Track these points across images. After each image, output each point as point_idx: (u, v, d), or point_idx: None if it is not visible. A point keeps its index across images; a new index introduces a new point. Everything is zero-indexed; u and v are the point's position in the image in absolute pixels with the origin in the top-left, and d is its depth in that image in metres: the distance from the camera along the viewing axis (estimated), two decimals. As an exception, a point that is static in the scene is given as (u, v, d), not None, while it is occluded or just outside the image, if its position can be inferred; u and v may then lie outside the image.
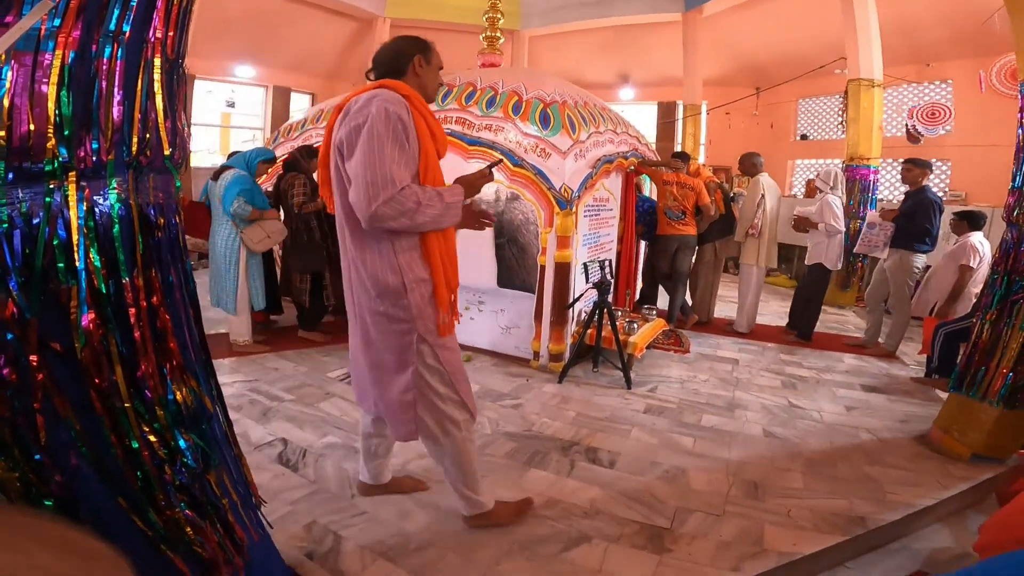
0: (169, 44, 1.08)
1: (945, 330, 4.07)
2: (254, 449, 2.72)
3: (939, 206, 4.64)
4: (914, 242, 4.63)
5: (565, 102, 4.21)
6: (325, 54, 11.00)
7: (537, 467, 2.66)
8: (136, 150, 1.03)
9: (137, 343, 1.04)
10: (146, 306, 1.05)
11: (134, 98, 1.01)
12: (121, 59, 0.99)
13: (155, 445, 1.10)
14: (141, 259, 1.05)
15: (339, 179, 1.74)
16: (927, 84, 8.21)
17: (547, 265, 3.93)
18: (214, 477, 1.25)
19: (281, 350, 4.25)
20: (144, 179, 1.08)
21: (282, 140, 5.62)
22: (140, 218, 1.05)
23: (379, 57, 1.91)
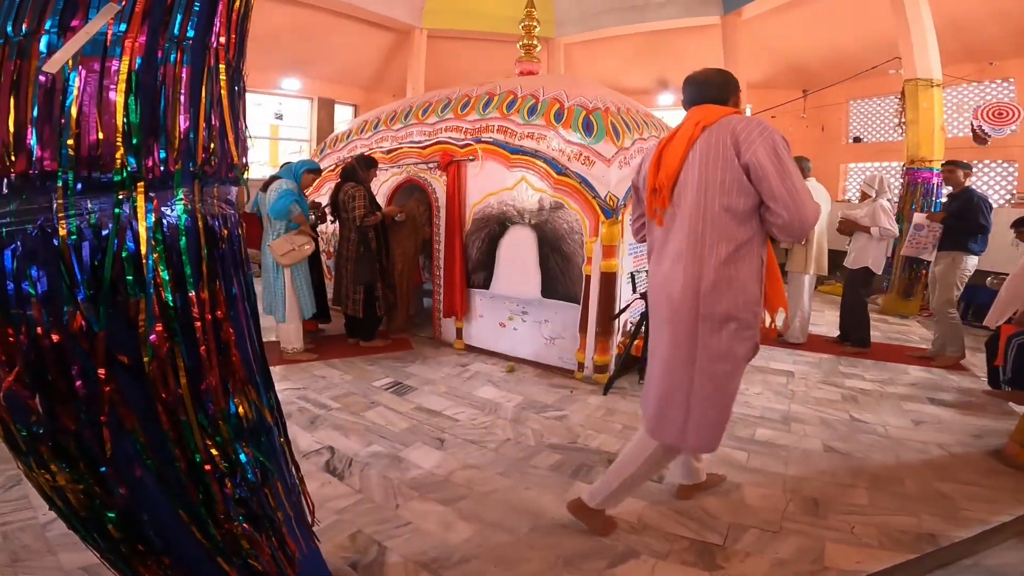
0: (231, 50, 1.07)
1: (1018, 341, 3.79)
2: (303, 457, 2.74)
3: (989, 204, 4.50)
4: (968, 242, 4.46)
5: (608, 108, 4.14)
6: (365, 65, 11.26)
7: (583, 480, 2.60)
8: (202, 160, 1.02)
9: (202, 356, 1.03)
10: (211, 319, 1.04)
11: (199, 105, 1.00)
12: (186, 65, 0.98)
13: (217, 458, 1.09)
14: (207, 271, 1.04)
15: (717, 188, 1.79)
16: (988, 83, 7.79)
17: (592, 275, 3.86)
18: (270, 490, 1.24)
19: (328, 358, 4.32)
20: (209, 189, 1.07)
21: (328, 151, 5.76)
22: (205, 229, 1.05)
23: (708, 81, 2.03)
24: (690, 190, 1.84)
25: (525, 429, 3.15)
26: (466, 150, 4.41)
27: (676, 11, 9.73)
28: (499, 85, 4.67)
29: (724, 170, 1.76)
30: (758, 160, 1.70)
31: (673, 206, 1.89)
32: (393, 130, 5.06)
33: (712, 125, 1.83)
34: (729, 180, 1.76)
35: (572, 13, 10.66)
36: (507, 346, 4.42)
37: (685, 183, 1.86)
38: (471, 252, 4.51)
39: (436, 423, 3.21)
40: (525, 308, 4.28)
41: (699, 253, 1.81)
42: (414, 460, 2.75)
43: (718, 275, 1.78)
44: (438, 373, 4.08)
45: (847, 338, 5.10)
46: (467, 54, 11.13)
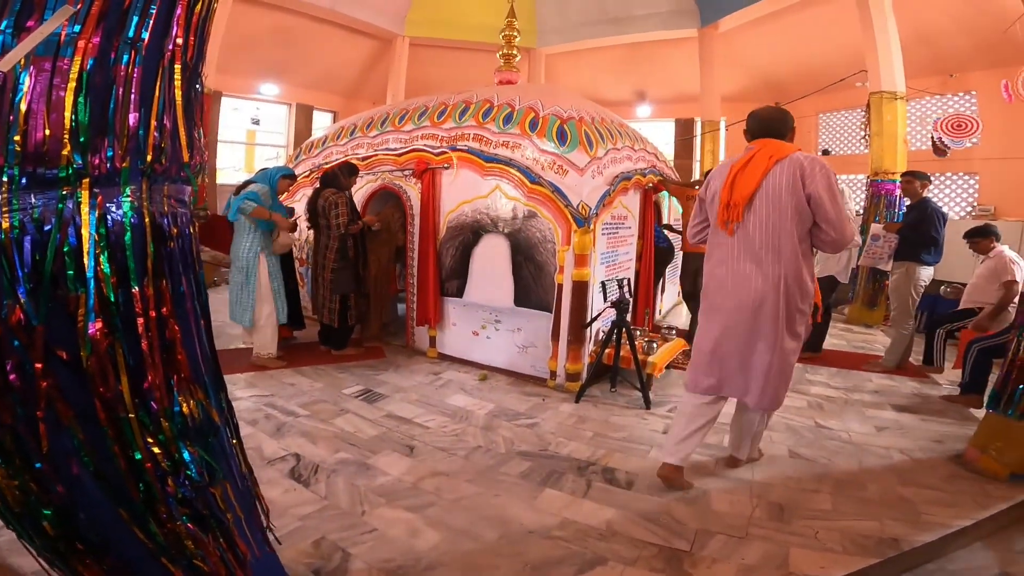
0: (189, 51, 1.08)
1: (978, 346, 3.92)
2: (267, 464, 2.70)
3: (943, 216, 4.59)
4: (921, 253, 4.55)
5: (582, 118, 4.20)
6: (346, 72, 11.24)
7: (553, 487, 2.59)
8: (151, 158, 1.02)
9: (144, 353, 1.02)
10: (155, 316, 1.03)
11: (151, 105, 1.00)
12: (139, 66, 0.99)
13: (159, 457, 1.07)
14: (152, 268, 1.03)
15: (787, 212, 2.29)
16: (951, 96, 8.06)
17: (564, 284, 3.88)
18: (219, 491, 1.22)
19: (299, 366, 4.26)
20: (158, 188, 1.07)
21: (304, 157, 5.72)
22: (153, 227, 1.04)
23: (765, 116, 2.53)
24: (764, 210, 2.31)
25: (496, 437, 3.14)
26: (441, 158, 4.42)
27: (655, 24, 9.96)
28: (476, 93, 4.71)
29: (793, 197, 2.26)
30: (818, 192, 2.22)
31: (744, 221, 2.35)
32: (369, 137, 5.05)
33: (783, 160, 2.30)
34: (796, 205, 2.26)
35: (553, 24, 10.82)
36: (480, 355, 4.41)
37: (760, 203, 2.31)
38: (445, 260, 4.50)
39: (406, 430, 3.18)
40: (498, 317, 4.29)
41: (777, 260, 2.30)
42: (382, 467, 2.72)
43: (792, 278, 2.30)
44: (410, 381, 4.06)
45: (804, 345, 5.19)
46: (449, 63, 11.19)
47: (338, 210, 4.24)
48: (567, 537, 2.20)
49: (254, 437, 2.98)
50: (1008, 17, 5.90)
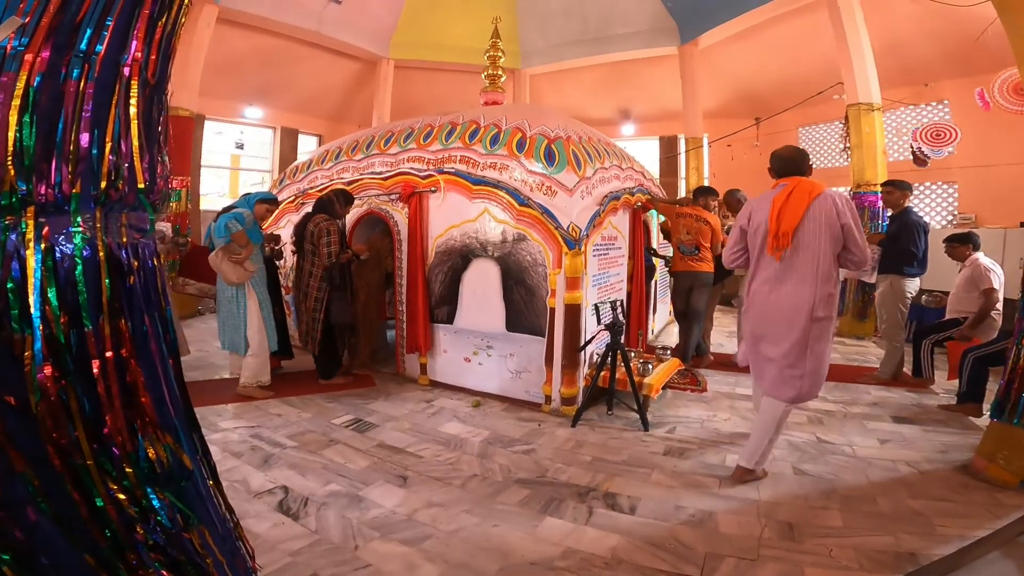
0: (150, 68, 0.99)
1: (974, 355, 3.90)
2: (254, 497, 2.62)
3: (923, 227, 4.55)
4: (903, 266, 4.52)
5: (569, 137, 4.18)
6: (331, 95, 11.23)
7: (553, 515, 2.51)
8: (106, 183, 0.93)
9: (102, 398, 0.92)
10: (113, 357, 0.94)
11: (106, 125, 0.92)
12: (92, 81, 0.90)
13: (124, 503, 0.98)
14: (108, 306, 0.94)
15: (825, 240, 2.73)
16: (924, 106, 8.18)
17: (557, 307, 3.82)
18: (196, 536, 1.13)
19: (286, 396, 4.14)
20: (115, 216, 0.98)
21: (288, 182, 5.63)
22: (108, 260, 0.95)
23: (789, 156, 3.00)
24: (807, 238, 2.73)
25: (492, 464, 3.04)
26: (428, 181, 4.36)
27: (636, 43, 10.10)
28: (463, 115, 4.68)
29: (831, 228, 2.71)
30: (849, 223, 2.71)
31: (792, 248, 2.74)
32: (355, 160, 4.99)
33: (819, 196, 2.75)
34: (832, 234, 2.71)
35: (537, 45, 10.94)
36: (473, 381, 4.31)
37: (804, 233, 2.74)
38: (434, 286, 4.42)
39: (399, 460, 3.08)
40: (490, 342, 4.20)
41: (818, 279, 2.72)
42: (375, 499, 2.63)
43: (828, 293, 2.73)
44: (401, 409, 3.94)
45: None
46: (434, 85, 11.25)
47: (329, 238, 4.13)
48: (571, 568, 2.12)
49: (240, 470, 2.90)
50: (976, 26, 6.01)
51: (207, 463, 1.31)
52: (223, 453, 3.12)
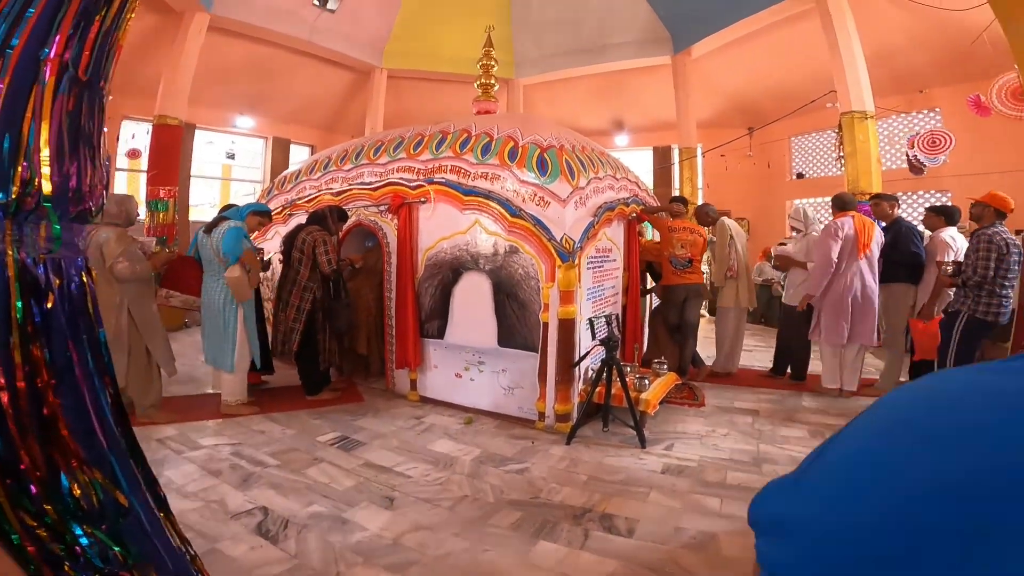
0: (82, 65, 0.89)
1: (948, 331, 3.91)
2: (230, 518, 2.50)
3: (919, 233, 4.65)
4: (904, 273, 4.58)
5: (562, 147, 4.09)
6: (323, 105, 11.17)
7: (547, 539, 2.41)
8: (19, 190, 0.82)
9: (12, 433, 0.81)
10: (25, 388, 0.83)
11: (19, 126, 0.81)
12: (4, 77, 0.80)
13: (46, 540, 0.89)
14: (20, 330, 0.84)
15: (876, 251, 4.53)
16: (916, 113, 8.19)
17: (550, 322, 3.72)
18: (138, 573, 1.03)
19: (271, 412, 4.03)
20: (31, 228, 0.87)
21: (276, 193, 5.52)
22: (21, 278, 0.84)
23: (852, 200, 4.72)
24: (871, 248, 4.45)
25: (483, 485, 2.94)
26: (418, 191, 4.27)
27: (629, 52, 10.10)
28: (453, 124, 4.59)
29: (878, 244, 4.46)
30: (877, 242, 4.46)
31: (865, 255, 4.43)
32: (344, 170, 4.89)
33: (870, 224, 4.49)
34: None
35: (530, 55, 10.92)
36: (464, 397, 4.20)
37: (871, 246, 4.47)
38: (424, 300, 4.32)
39: (385, 480, 2.97)
40: (482, 358, 4.10)
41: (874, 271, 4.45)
42: (359, 521, 2.53)
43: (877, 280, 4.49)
44: (390, 426, 3.83)
45: (781, 371, 5.13)
46: (428, 95, 11.20)
47: (326, 247, 4.11)
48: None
49: (217, 489, 2.80)
50: (967, 33, 6.00)
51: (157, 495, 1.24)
52: (200, 472, 3.01)
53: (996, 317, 3.76)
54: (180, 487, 2.82)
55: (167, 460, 3.16)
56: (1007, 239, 3.76)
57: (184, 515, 2.52)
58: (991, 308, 3.77)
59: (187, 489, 2.80)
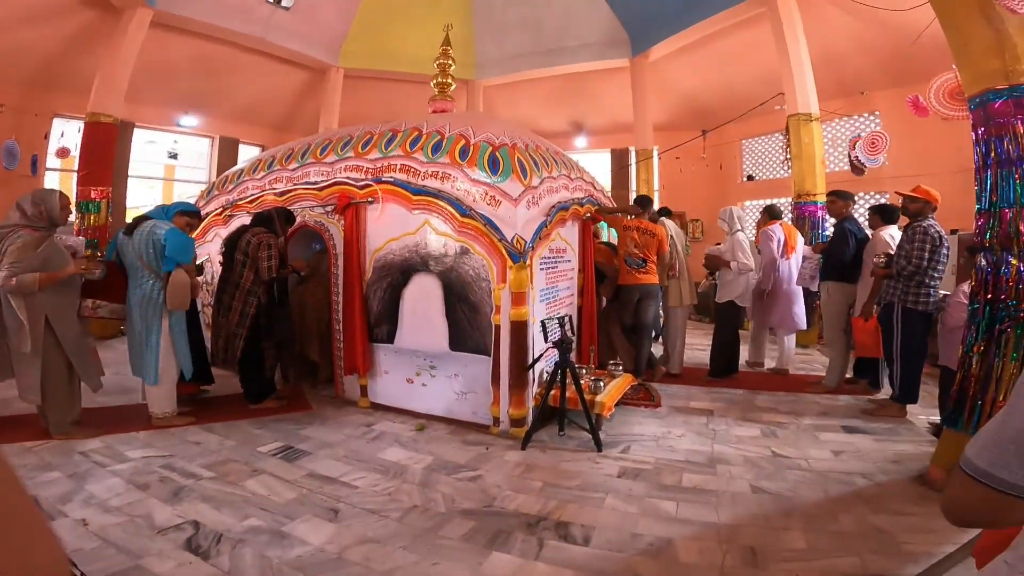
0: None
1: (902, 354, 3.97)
2: (156, 534, 2.36)
3: (855, 234, 4.65)
4: (838, 272, 4.64)
5: (515, 145, 4.01)
6: (276, 104, 10.80)
7: (500, 549, 2.32)
8: None
9: None
10: None
11: None
12: None
13: None
14: None
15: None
16: (858, 116, 8.47)
17: (502, 324, 3.63)
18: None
19: (208, 422, 3.81)
20: None
21: (216, 193, 5.24)
22: None
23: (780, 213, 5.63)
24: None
25: (435, 494, 2.83)
26: (366, 191, 4.10)
27: (588, 55, 10.16)
28: (404, 122, 4.44)
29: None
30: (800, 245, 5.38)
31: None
32: (288, 170, 4.66)
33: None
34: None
35: (491, 55, 10.85)
36: (417, 403, 4.06)
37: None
38: (372, 304, 4.16)
39: (330, 491, 2.83)
40: (433, 362, 3.97)
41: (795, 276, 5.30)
42: (300, 535, 2.39)
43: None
44: (338, 435, 3.66)
45: (717, 369, 5.23)
46: (386, 95, 10.98)
47: (270, 252, 3.92)
48: (521, 608, 1.94)
49: (143, 504, 2.63)
50: (909, 37, 6.22)
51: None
52: (126, 485, 2.81)
53: (927, 306, 3.86)
54: (103, 501, 2.62)
55: (90, 474, 2.94)
56: (939, 231, 3.87)
57: (105, 530, 2.36)
58: (920, 297, 3.86)
59: (110, 504, 2.60)
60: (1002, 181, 2.68)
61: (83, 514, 2.49)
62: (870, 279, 4.31)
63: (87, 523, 2.41)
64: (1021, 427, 0.62)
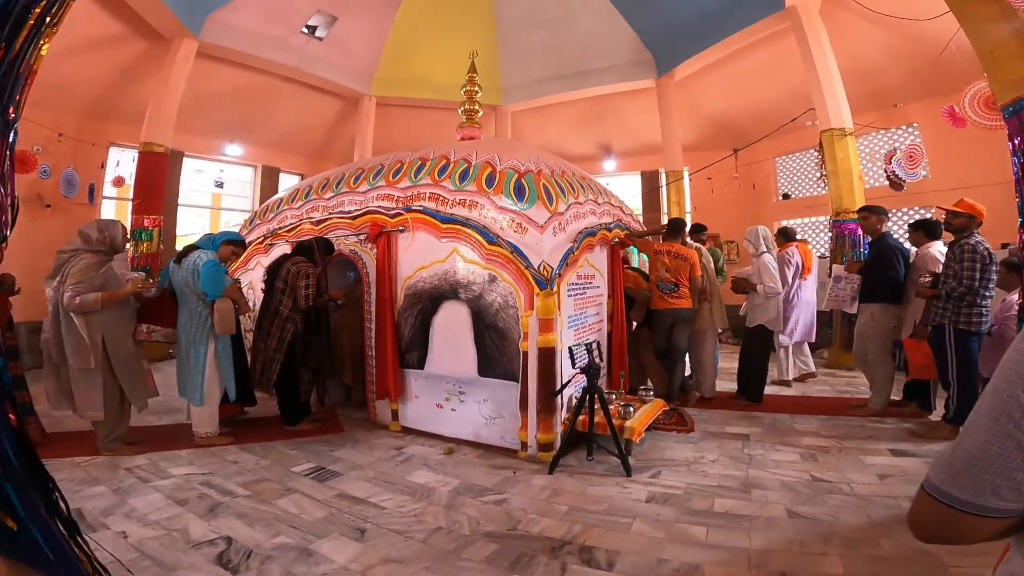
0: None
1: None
2: (191, 547, 2.44)
3: (902, 251, 4.47)
4: (885, 293, 4.42)
5: (540, 171, 4.07)
6: (312, 133, 11.19)
7: (522, 572, 2.30)
8: None
9: None
10: None
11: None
12: None
13: None
14: None
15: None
16: (895, 129, 8.18)
17: (530, 351, 3.65)
18: None
19: (246, 442, 3.95)
20: None
21: (258, 223, 5.49)
22: None
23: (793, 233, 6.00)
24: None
25: (460, 516, 2.84)
26: (396, 220, 4.23)
27: (613, 76, 10.22)
28: (433, 150, 4.58)
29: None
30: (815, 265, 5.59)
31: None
32: (324, 199, 4.86)
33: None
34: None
35: (517, 81, 11.03)
36: (446, 427, 4.11)
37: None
38: (403, 330, 4.25)
39: (358, 511, 2.88)
40: (462, 388, 4.02)
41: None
42: (326, 553, 2.43)
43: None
44: (368, 457, 3.73)
45: (744, 392, 5.09)
46: (416, 122, 11.28)
47: (308, 280, 4.08)
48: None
49: (181, 518, 2.73)
50: (937, 45, 5.99)
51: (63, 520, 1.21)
52: (166, 500, 2.93)
53: (979, 327, 3.69)
54: (143, 515, 2.74)
55: (133, 488, 3.08)
56: (988, 248, 3.72)
57: (143, 543, 2.46)
58: (972, 318, 3.70)
59: (150, 518, 2.72)
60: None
61: (124, 527, 2.61)
62: (917, 299, 4.15)
63: (127, 536, 2.53)
64: (969, 448, 0.67)
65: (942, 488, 0.69)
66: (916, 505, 0.75)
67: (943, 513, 0.69)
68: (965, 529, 0.70)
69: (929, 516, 0.73)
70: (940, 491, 0.70)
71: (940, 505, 0.70)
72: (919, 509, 0.74)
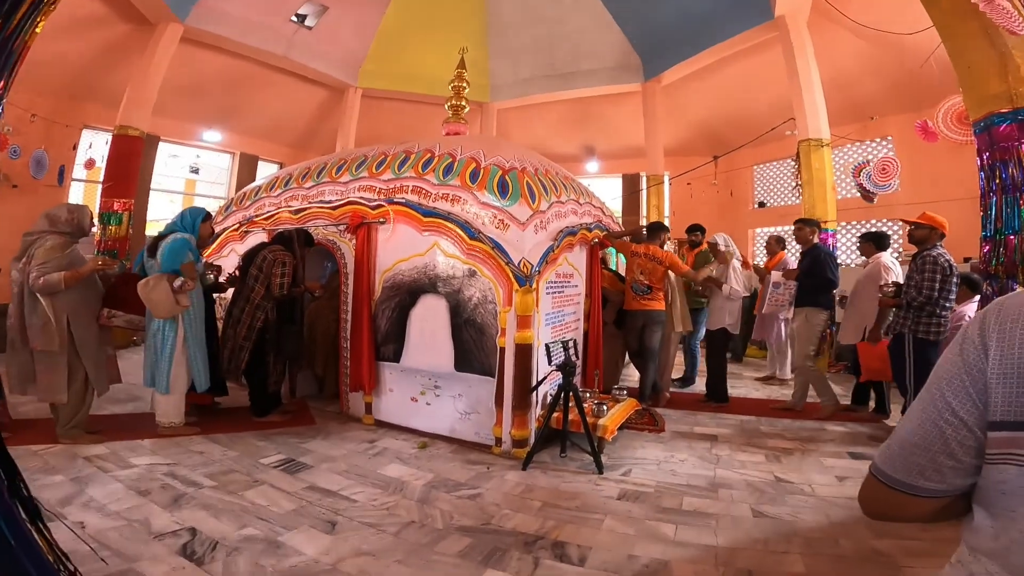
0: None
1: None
2: (153, 538, 2.38)
3: (834, 258, 4.84)
4: (818, 297, 4.73)
5: (524, 169, 4.08)
6: (295, 122, 11.01)
7: (495, 567, 2.31)
8: None
9: None
10: None
11: None
12: None
13: None
14: None
15: None
16: (869, 142, 8.38)
17: (507, 347, 3.66)
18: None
19: (213, 433, 3.86)
20: None
21: (234, 209, 5.38)
22: None
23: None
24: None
25: (433, 510, 2.83)
26: (378, 212, 4.20)
27: (601, 78, 10.29)
28: (418, 143, 4.55)
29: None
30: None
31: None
32: (304, 188, 4.78)
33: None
34: None
35: (506, 78, 11.03)
36: (420, 421, 4.09)
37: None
38: (380, 322, 4.22)
39: (329, 504, 2.85)
40: (438, 382, 4.01)
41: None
42: (295, 545, 2.40)
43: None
44: (340, 450, 3.69)
45: (712, 396, 5.23)
46: (402, 116, 11.18)
47: (284, 269, 4.02)
48: (512, 629, 1.92)
49: (142, 509, 2.66)
50: (918, 60, 6.16)
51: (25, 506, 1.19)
52: (127, 491, 2.85)
53: (938, 336, 3.84)
54: (102, 506, 2.66)
55: (92, 478, 2.98)
56: (949, 260, 3.86)
57: (102, 534, 2.38)
58: (932, 328, 3.84)
59: (109, 508, 2.64)
60: (1007, 207, 2.68)
61: (82, 517, 2.53)
62: (874, 304, 4.32)
63: (84, 526, 2.44)
64: (903, 435, 0.76)
65: (882, 469, 0.78)
66: (864, 484, 0.84)
67: (883, 491, 0.79)
68: (900, 506, 0.79)
69: (872, 494, 0.82)
70: (881, 472, 0.79)
71: (880, 484, 0.79)
72: (866, 487, 0.83)
